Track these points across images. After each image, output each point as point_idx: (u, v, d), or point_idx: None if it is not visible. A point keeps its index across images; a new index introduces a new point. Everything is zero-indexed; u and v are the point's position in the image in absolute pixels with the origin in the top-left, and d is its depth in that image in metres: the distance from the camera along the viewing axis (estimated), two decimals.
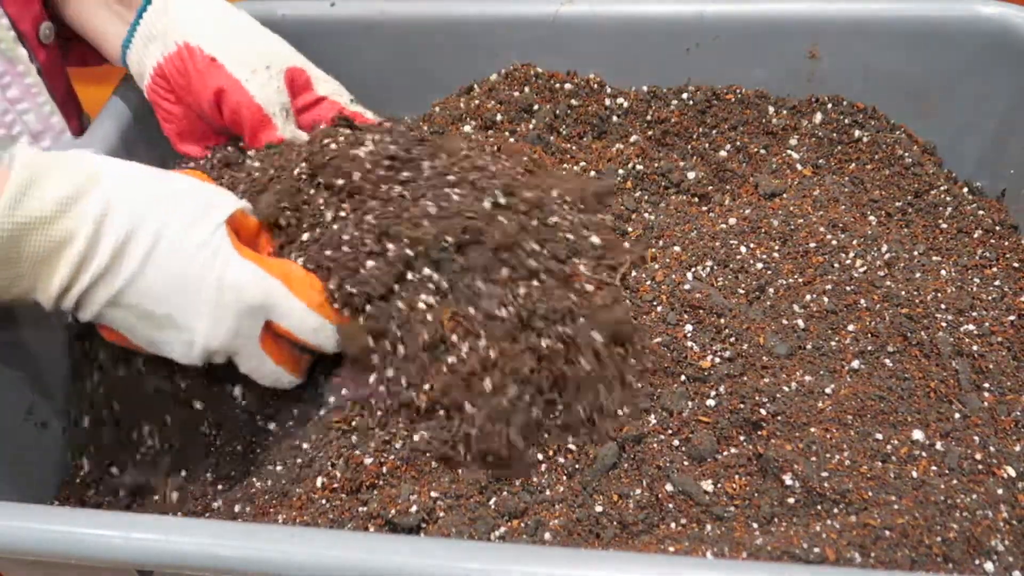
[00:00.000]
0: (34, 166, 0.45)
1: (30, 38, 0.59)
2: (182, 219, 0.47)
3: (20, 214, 0.44)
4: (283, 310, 0.49)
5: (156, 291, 0.46)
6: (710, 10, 0.67)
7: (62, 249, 0.45)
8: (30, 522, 0.40)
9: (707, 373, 0.51)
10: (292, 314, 0.49)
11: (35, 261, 0.45)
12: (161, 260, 0.46)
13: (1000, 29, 0.63)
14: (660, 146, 0.68)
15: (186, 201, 0.48)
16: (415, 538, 0.42)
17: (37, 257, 0.45)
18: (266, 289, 0.48)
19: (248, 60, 0.59)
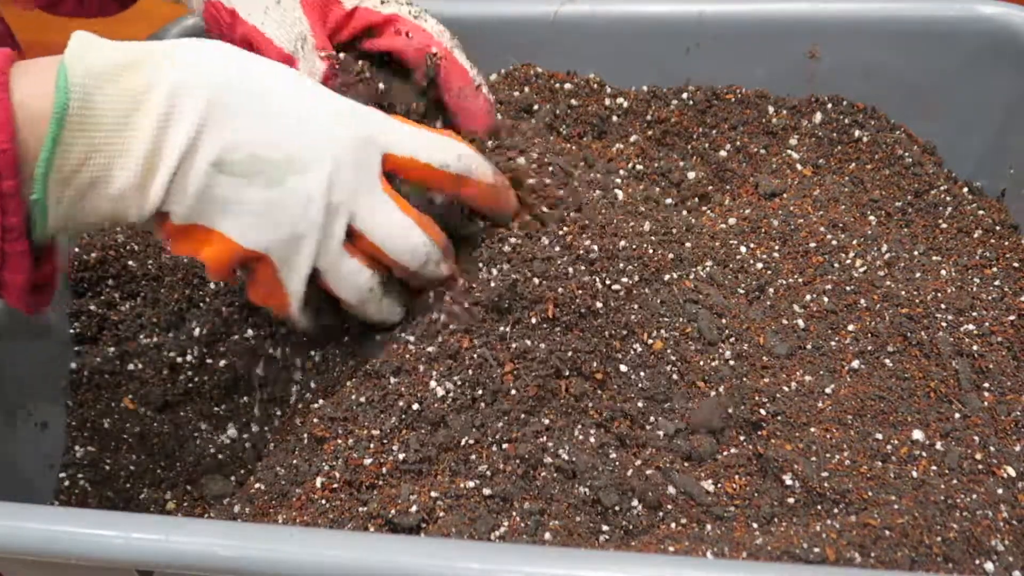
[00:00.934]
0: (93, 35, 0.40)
1: None
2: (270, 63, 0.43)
3: (89, 60, 0.38)
4: (396, 135, 0.44)
5: (271, 134, 0.41)
6: (710, 10, 0.67)
7: (142, 103, 0.39)
8: (30, 522, 0.40)
9: (707, 373, 0.51)
10: (405, 137, 0.44)
11: (112, 121, 0.38)
12: (267, 97, 0.41)
13: (1000, 29, 0.63)
14: (660, 146, 0.68)
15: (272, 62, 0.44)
16: (415, 538, 0.42)
17: (115, 113, 0.38)
18: (374, 115, 0.44)
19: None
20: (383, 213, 0.44)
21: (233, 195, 0.41)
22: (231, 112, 0.40)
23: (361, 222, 0.43)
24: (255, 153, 0.40)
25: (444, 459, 0.48)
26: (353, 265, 0.44)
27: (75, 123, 0.37)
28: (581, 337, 0.50)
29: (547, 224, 0.51)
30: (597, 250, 0.52)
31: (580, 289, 0.50)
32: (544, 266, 0.50)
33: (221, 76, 0.41)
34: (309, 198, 0.41)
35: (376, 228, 0.44)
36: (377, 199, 0.44)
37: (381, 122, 0.45)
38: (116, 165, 0.39)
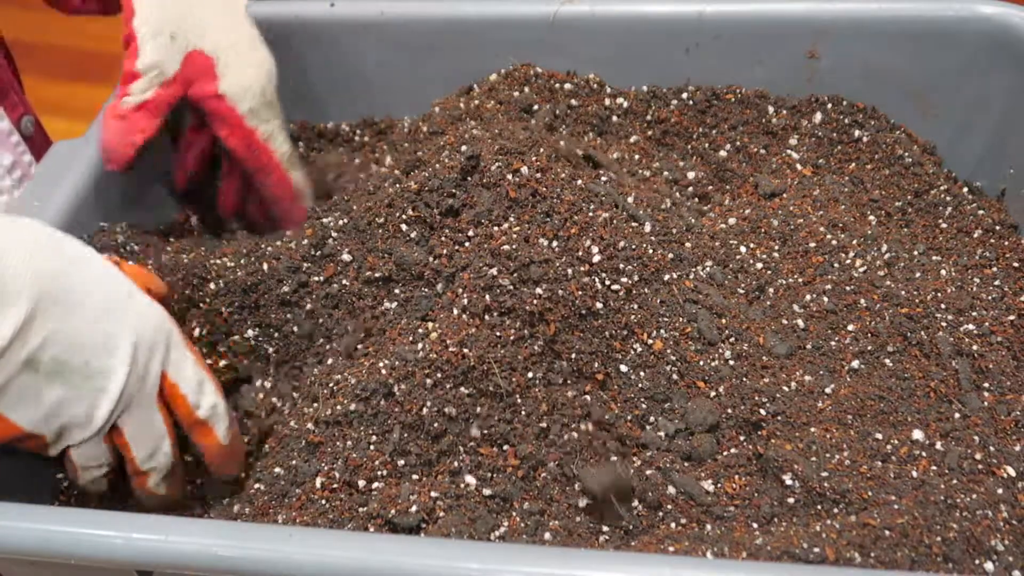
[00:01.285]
0: None
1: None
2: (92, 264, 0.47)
3: None
4: (176, 357, 0.49)
5: (78, 336, 0.44)
6: (710, 10, 0.67)
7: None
8: (30, 522, 0.40)
9: (707, 373, 0.51)
10: (182, 365, 0.49)
11: None
12: (84, 299, 0.45)
13: (1000, 29, 0.63)
14: (660, 146, 0.68)
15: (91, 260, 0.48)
16: (415, 538, 0.42)
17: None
18: (168, 327, 0.48)
19: (158, 23, 0.59)
20: (146, 424, 0.48)
21: (32, 392, 0.43)
22: (48, 316, 0.43)
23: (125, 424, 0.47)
24: (57, 355, 0.43)
25: (444, 460, 0.48)
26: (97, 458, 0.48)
27: None
28: (582, 338, 0.50)
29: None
30: (598, 252, 0.52)
31: (580, 290, 0.50)
32: (543, 269, 0.50)
33: (42, 277, 0.43)
34: (94, 405, 0.45)
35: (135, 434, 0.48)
36: (147, 411, 0.48)
37: (169, 335, 0.48)
38: None
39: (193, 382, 0.49)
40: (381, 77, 0.73)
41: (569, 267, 0.51)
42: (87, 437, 0.46)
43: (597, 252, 0.52)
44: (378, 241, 0.55)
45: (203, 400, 0.49)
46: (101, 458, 0.48)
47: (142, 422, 0.48)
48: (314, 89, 0.75)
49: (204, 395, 0.49)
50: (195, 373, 0.49)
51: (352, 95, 0.74)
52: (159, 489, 0.50)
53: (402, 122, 0.74)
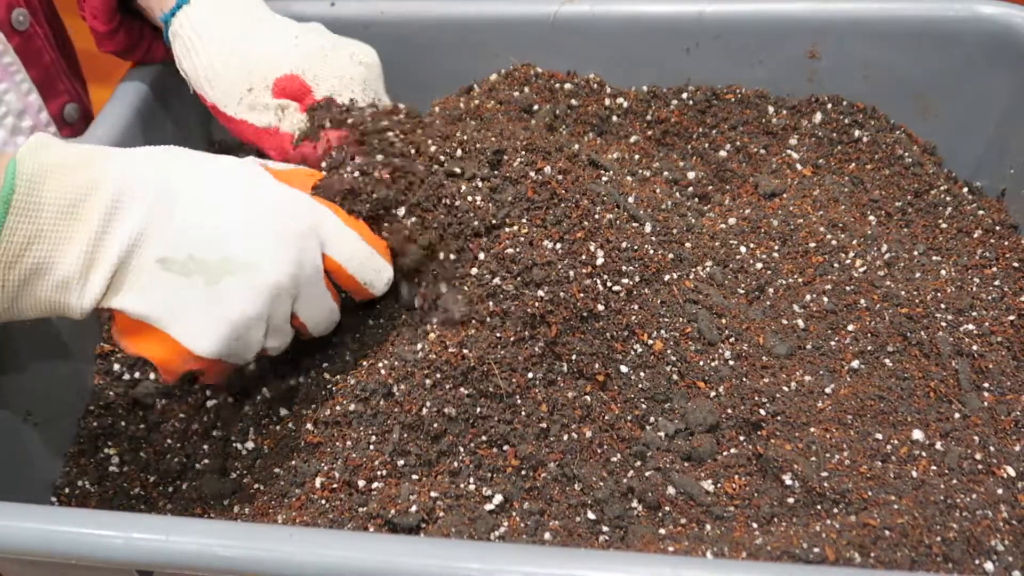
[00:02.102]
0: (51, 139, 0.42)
1: (2, 23, 0.61)
2: (218, 160, 0.45)
3: (42, 155, 0.40)
4: (337, 238, 0.46)
5: (210, 231, 0.42)
6: (710, 10, 0.67)
7: (88, 196, 0.40)
8: (30, 522, 0.40)
9: (707, 373, 0.51)
10: (344, 244, 0.46)
11: (57, 210, 0.39)
12: (210, 196, 0.43)
13: (1000, 29, 0.63)
14: (660, 146, 0.68)
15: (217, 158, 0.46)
16: (415, 538, 0.42)
17: (59, 204, 0.39)
18: (319, 214, 0.46)
19: (232, 93, 0.59)
20: (319, 300, 0.46)
21: (175, 294, 0.42)
22: (174, 211, 0.41)
23: (299, 307, 0.46)
24: (196, 252, 0.42)
25: (444, 460, 0.48)
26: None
27: (20, 209, 0.39)
28: (583, 339, 0.50)
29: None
30: (602, 255, 0.52)
31: (582, 292, 0.50)
32: (544, 272, 0.50)
33: (166, 177, 0.42)
34: (249, 294, 0.43)
35: (310, 313, 0.47)
36: (316, 288, 0.46)
37: (324, 219, 0.46)
38: (59, 252, 0.40)
39: (358, 260, 0.47)
40: None
41: (571, 269, 0.51)
42: (260, 335, 0.45)
43: (602, 255, 0.52)
44: None
45: (375, 277, 0.48)
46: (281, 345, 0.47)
47: (311, 305, 0.46)
48: None
49: (377, 271, 0.48)
50: (360, 250, 0.47)
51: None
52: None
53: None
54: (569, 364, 0.50)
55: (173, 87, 0.67)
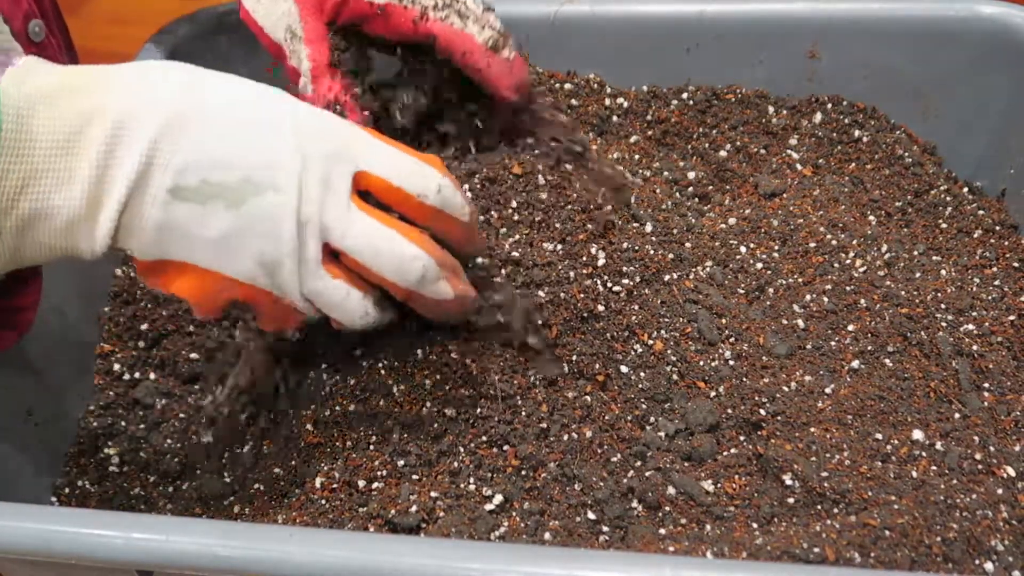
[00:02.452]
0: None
1: (19, 35, 0.59)
2: (230, 78, 0.40)
3: (29, 84, 0.35)
4: (372, 152, 0.40)
5: (227, 153, 0.37)
6: (710, 10, 0.67)
7: (85, 128, 0.35)
8: (30, 522, 0.40)
9: (707, 373, 0.51)
10: (383, 156, 0.40)
11: (51, 146, 0.35)
12: (224, 114, 0.38)
13: (1000, 29, 0.63)
14: (660, 146, 0.68)
15: (233, 77, 0.41)
16: (415, 538, 0.42)
17: (53, 139, 0.35)
18: (348, 130, 0.40)
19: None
20: (359, 226, 0.39)
21: (196, 224, 0.37)
22: (184, 135, 0.37)
23: (338, 239, 0.39)
24: (211, 177, 0.37)
25: (444, 460, 0.48)
26: (339, 288, 0.40)
27: (9, 148, 0.35)
28: (583, 339, 0.50)
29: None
30: (603, 256, 0.52)
31: (582, 293, 0.50)
32: (545, 272, 0.50)
33: (173, 98, 0.37)
34: (274, 219, 0.38)
35: (354, 242, 0.39)
36: (351, 213, 0.39)
37: (354, 138, 0.41)
38: (59, 193, 0.36)
39: (405, 170, 0.40)
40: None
41: (572, 270, 0.51)
42: (293, 269, 0.39)
43: (603, 256, 0.52)
44: None
45: (426, 184, 0.40)
46: (343, 294, 0.40)
47: (365, 234, 0.39)
48: None
49: (423, 178, 0.41)
50: (404, 160, 0.41)
51: None
52: (443, 292, 0.41)
53: None
54: (569, 364, 0.50)
55: None
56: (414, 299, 0.42)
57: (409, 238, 0.40)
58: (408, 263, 0.40)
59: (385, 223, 0.40)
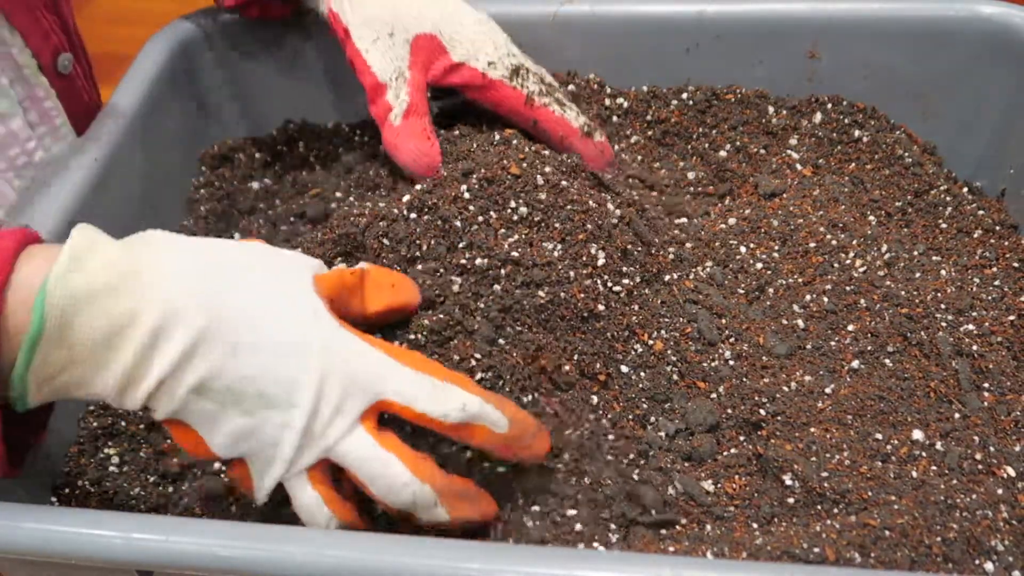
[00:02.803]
0: (92, 235, 0.40)
1: (48, 69, 0.59)
2: (267, 282, 0.42)
3: (74, 281, 0.37)
4: (395, 379, 0.41)
5: (251, 366, 0.39)
6: (710, 10, 0.67)
7: (125, 329, 0.38)
8: (30, 522, 0.40)
9: (707, 373, 0.51)
10: (406, 383, 0.41)
11: (92, 343, 0.38)
12: (256, 330, 0.40)
13: (1000, 29, 0.63)
14: (660, 146, 0.68)
15: (269, 263, 0.43)
16: (415, 538, 0.41)
17: (94, 337, 0.38)
18: (368, 356, 0.41)
19: (373, 27, 0.59)
20: (358, 448, 0.41)
21: (210, 416, 0.40)
22: (215, 342, 0.39)
23: (338, 457, 0.41)
24: (233, 386, 0.39)
25: None
26: (312, 499, 0.42)
27: (52, 341, 0.37)
28: (584, 339, 0.50)
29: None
30: (603, 256, 0.52)
31: (582, 293, 0.50)
32: (545, 272, 0.50)
33: (215, 303, 0.40)
34: (282, 432, 0.40)
35: (354, 464, 0.41)
36: (353, 435, 0.41)
37: (378, 362, 0.42)
38: (96, 377, 0.39)
39: (424, 394, 0.41)
40: None
41: (572, 270, 0.51)
42: (282, 473, 0.41)
43: (603, 256, 0.52)
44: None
45: (447, 407, 0.41)
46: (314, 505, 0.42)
47: (361, 458, 0.41)
48: (314, 89, 0.75)
49: (446, 401, 0.41)
50: (424, 384, 0.42)
51: (352, 95, 0.74)
52: (439, 516, 0.42)
53: None
54: (571, 364, 0.50)
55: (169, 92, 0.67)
56: (408, 519, 0.43)
57: (407, 463, 0.41)
58: (398, 489, 0.41)
59: (386, 446, 0.41)
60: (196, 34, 0.71)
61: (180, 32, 0.71)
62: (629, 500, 0.47)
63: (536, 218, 0.53)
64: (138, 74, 0.67)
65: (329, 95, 0.75)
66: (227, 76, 0.74)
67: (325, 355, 0.40)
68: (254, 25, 0.72)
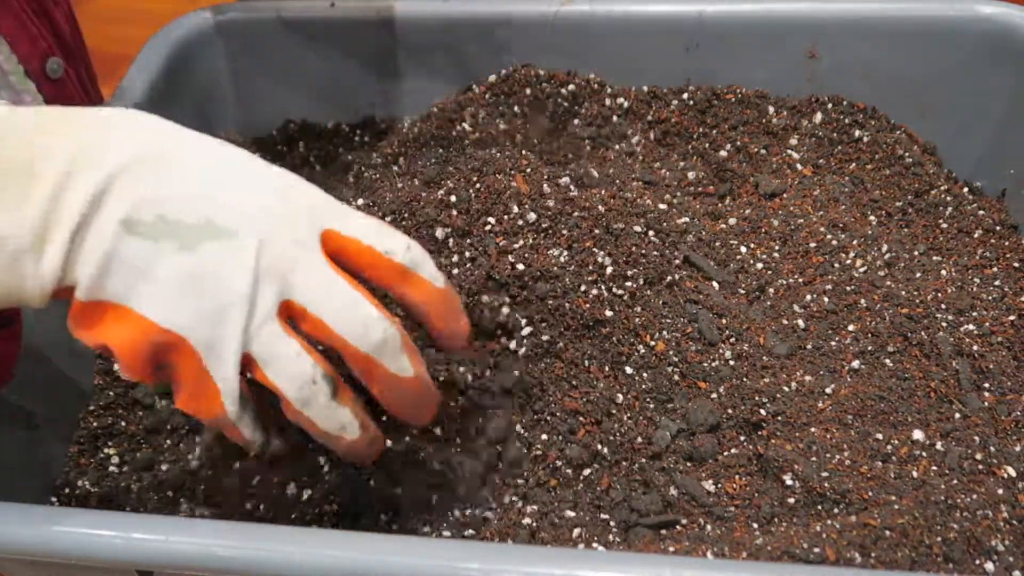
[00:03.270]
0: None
1: (37, 74, 0.59)
2: (217, 142, 0.38)
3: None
4: (342, 213, 0.38)
5: (192, 191, 0.35)
6: (710, 10, 0.67)
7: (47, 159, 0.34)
8: (30, 522, 0.40)
9: (707, 373, 0.51)
10: (352, 217, 0.38)
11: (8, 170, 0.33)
12: (193, 158, 0.36)
13: (1000, 29, 0.63)
14: (660, 146, 0.68)
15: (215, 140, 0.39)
16: (415, 538, 0.41)
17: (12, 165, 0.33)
18: (316, 194, 0.39)
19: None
20: (325, 282, 0.37)
21: (144, 262, 0.35)
22: (146, 170, 0.35)
23: (300, 294, 0.37)
24: (164, 214, 0.35)
25: None
26: (291, 347, 0.37)
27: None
28: (592, 343, 0.51)
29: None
30: (610, 263, 0.52)
31: (587, 304, 0.50)
32: (550, 286, 0.50)
33: (140, 140, 0.36)
34: (230, 265, 0.35)
35: (317, 299, 0.37)
36: (317, 268, 0.37)
37: (326, 201, 0.39)
38: (9, 220, 0.34)
39: (372, 228, 0.38)
40: (381, 77, 0.73)
41: (578, 278, 0.51)
42: (243, 325, 0.36)
43: (610, 262, 0.52)
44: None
45: (394, 243, 0.38)
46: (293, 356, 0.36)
47: (330, 293, 0.37)
48: (314, 89, 0.75)
49: (392, 237, 0.38)
50: (370, 221, 0.39)
51: (352, 95, 0.74)
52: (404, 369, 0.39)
53: (402, 122, 0.74)
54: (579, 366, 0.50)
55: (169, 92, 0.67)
56: (372, 374, 0.39)
57: (374, 304, 0.38)
58: (373, 323, 0.37)
59: (353, 285, 0.38)
60: (196, 34, 0.71)
61: (180, 32, 0.71)
62: (629, 500, 0.47)
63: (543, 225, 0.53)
64: (138, 74, 0.67)
65: (329, 95, 0.75)
66: (227, 76, 0.74)
67: (269, 188, 0.37)
68: (254, 25, 0.72)
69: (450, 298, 0.41)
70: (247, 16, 0.72)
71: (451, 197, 0.53)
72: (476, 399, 0.47)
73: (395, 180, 0.63)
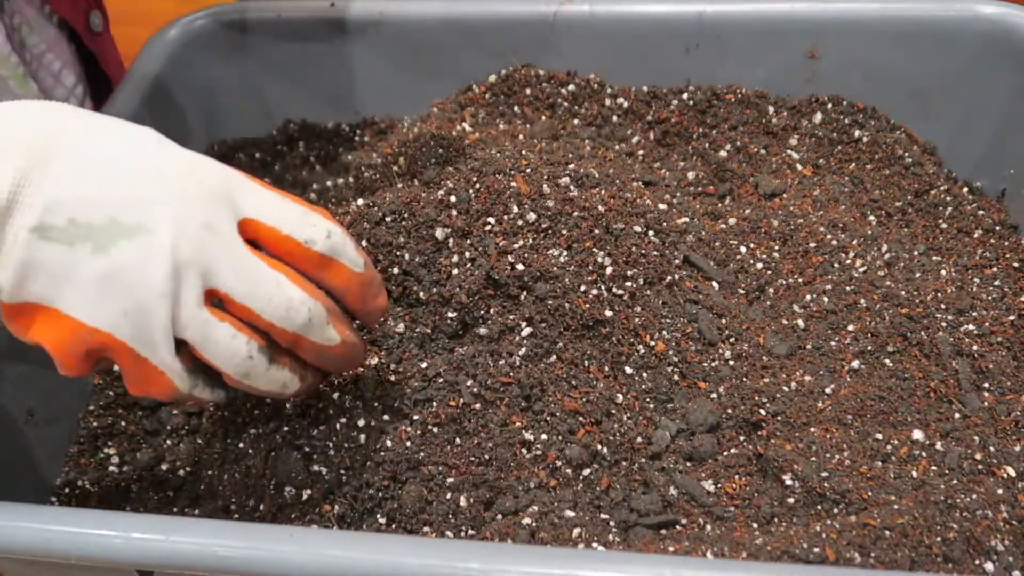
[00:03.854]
0: None
1: (82, 30, 0.58)
2: (107, 120, 0.38)
3: None
4: (257, 199, 0.38)
5: (93, 191, 0.35)
6: (710, 10, 0.67)
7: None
8: (30, 522, 0.40)
9: (707, 373, 0.51)
10: (269, 203, 0.38)
11: None
12: (94, 152, 0.36)
13: (1000, 29, 0.63)
14: (660, 146, 0.68)
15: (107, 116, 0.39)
16: (415, 538, 0.42)
17: None
18: (229, 175, 0.38)
19: None
20: (246, 268, 0.37)
21: (62, 267, 0.35)
22: (49, 172, 0.35)
23: (222, 282, 0.37)
24: (74, 217, 0.35)
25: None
26: (223, 330, 0.37)
27: None
28: (591, 343, 0.51)
29: None
30: (610, 263, 0.52)
31: (587, 304, 0.50)
32: (550, 286, 0.50)
33: (38, 132, 0.36)
34: (146, 263, 0.35)
35: (240, 284, 0.37)
36: (236, 254, 0.37)
37: (240, 183, 0.39)
38: None
39: (293, 216, 0.39)
40: (381, 77, 0.73)
41: (578, 278, 0.51)
42: (168, 314, 0.36)
43: (610, 262, 0.52)
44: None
45: (315, 231, 0.39)
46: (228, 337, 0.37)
47: (240, 279, 0.37)
48: (314, 89, 0.75)
49: (313, 225, 0.39)
50: (291, 207, 0.39)
51: (352, 95, 0.74)
52: (331, 338, 0.40)
53: (402, 122, 0.74)
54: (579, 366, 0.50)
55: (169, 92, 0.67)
56: (301, 346, 0.40)
57: (296, 283, 0.38)
58: (296, 306, 0.38)
59: (273, 267, 0.38)
60: (196, 34, 0.71)
61: (180, 32, 0.71)
62: (629, 500, 0.47)
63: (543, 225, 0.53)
64: (138, 74, 0.67)
65: (329, 95, 0.75)
66: (227, 76, 0.74)
67: (175, 168, 0.37)
68: (254, 25, 0.72)
69: (368, 281, 0.42)
70: (247, 16, 0.72)
71: (451, 197, 0.52)
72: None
73: (395, 180, 0.63)
